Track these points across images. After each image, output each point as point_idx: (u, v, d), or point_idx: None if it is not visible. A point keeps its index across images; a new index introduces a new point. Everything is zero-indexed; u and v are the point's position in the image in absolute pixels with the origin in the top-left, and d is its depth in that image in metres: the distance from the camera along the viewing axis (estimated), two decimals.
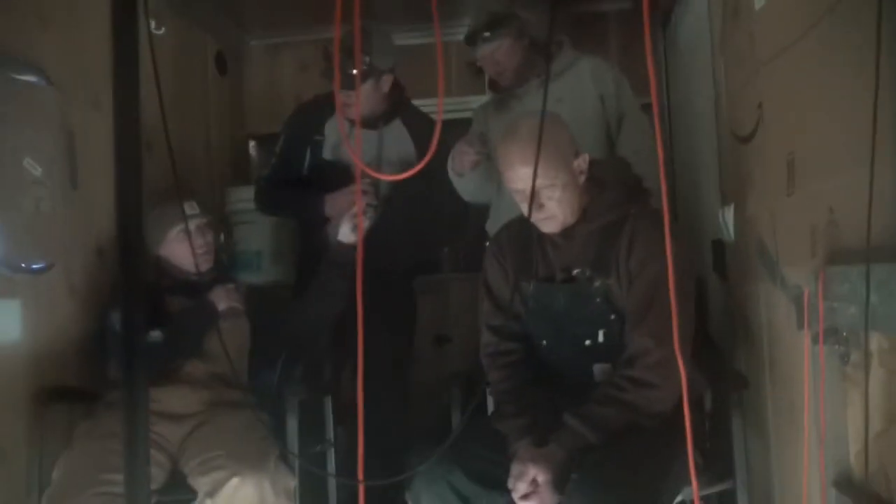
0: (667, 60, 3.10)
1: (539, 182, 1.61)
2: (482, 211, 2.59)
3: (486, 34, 2.32)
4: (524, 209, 1.72)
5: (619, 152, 2.25)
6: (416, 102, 3.44)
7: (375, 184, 2.30)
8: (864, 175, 1.06)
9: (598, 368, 1.72)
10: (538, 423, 1.63)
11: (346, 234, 2.15)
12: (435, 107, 3.43)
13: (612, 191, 1.73)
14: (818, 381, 1.27)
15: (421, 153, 2.44)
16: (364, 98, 2.32)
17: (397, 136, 2.47)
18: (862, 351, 1.15)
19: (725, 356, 2.12)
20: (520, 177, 1.63)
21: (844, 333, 1.19)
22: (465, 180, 2.35)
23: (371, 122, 2.41)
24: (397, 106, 2.48)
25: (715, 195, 2.21)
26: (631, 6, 3.31)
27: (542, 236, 1.77)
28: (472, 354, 2.04)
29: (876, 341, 1.10)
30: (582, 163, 1.68)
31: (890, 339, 1.06)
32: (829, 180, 1.28)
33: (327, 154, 2.45)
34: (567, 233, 1.73)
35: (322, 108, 2.47)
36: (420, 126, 2.50)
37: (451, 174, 2.36)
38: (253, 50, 3.60)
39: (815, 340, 1.26)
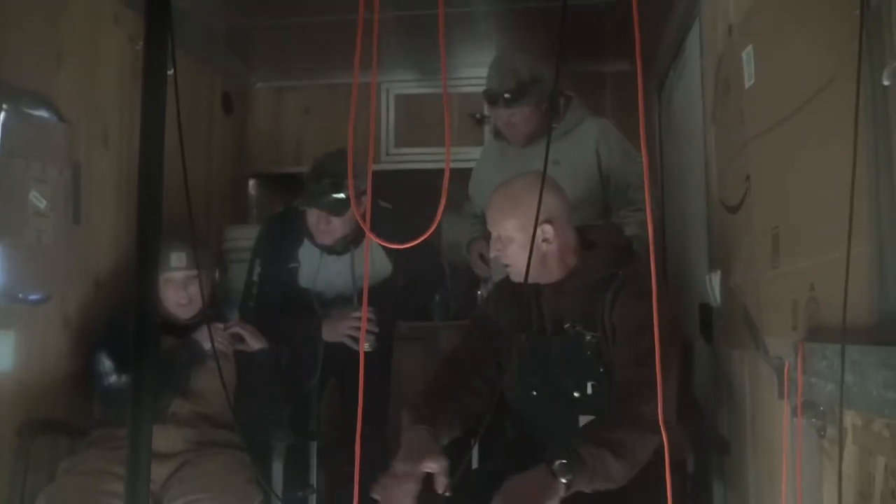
0: (660, 123, 3.19)
1: (498, 233, 1.77)
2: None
3: (508, 96, 2.35)
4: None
5: (627, 212, 2.33)
6: (412, 151, 3.53)
7: (375, 312, 2.30)
8: (844, 254, 1.11)
9: (585, 421, 1.75)
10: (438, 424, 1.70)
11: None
12: (429, 156, 3.52)
13: (602, 252, 1.83)
14: (796, 453, 1.30)
15: (393, 257, 2.46)
16: (343, 225, 2.32)
17: (372, 253, 2.45)
18: (836, 426, 1.18)
19: (709, 419, 2.15)
20: (490, 220, 1.81)
21: (822, 408, 1.22)
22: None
23: (341, 248, 2.39)
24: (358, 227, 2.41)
25: (703, 259, 2.26)
26: (629, 68, 3.41)
27: (535, 290, 1.85)
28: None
29: (850, 418, 1.13)
30: (546, 232, 1.76)
31: (864, 417, 1.10)
32: (810, 257, 1.33)
33: (304, 282, 2.45)
34: (558, 288, 1.82)
35: (292, 233, 2.44)
36: (386, 228, 2.52)
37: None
38: (259, 92, 3.69)
39: (794, 413, 1.29)
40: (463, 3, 2.79)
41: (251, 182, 3.64)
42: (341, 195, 2.23)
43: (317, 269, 2.42)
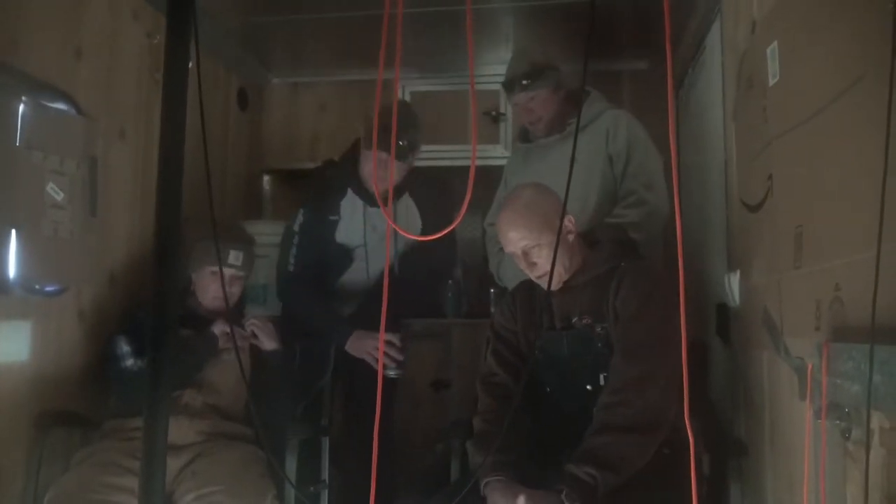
0: (678, 122, 3.16)
1: (525, 244, 1.78)
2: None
3: (525, 82, 2.39)
4: (523, 270, 1.86)
5: (622, 206, 2.34)
6: (430, 148, 3.52)
7: (403, 339, 2.34)
8: (872, 254, 1.09)
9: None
10: (514, 464, 1.67)
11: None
12: (447, 153, 3.51)
13: (605, 248, 1.89)
14: (819, 456, 1.28)
15: (426, 224, 2.50)
16: (399, 173, 2.36)
17: (407, 211, 2.53)
18: (863, 428, 1.16)
19: (725, 421, 2.13)
20: (509, 241, 1.81)
21: (847, 410, 1.20)
22: (505, 272, 2.53)
23: (385, 200, 2.42)
24: (405, 182, 2.49)
25: (721, 259, 2.24)
26: (647, 66, 3.39)
27: (546, 293, 1.89)
28: (471, 402, 2.05)
29: (877, 420, 1.11)
30: (569, 223, 1.82)
31: (891, 418, 1.08)
32: (836, 257, 1.31)
33: (340, 236, 2.48)
34: (565, 286, 1.86)
35: (339, 178, 2.50)
36: (426, 196, 2.57)
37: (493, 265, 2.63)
38: (274, 88, 3.69)
39: (817, 415, 1.27)
40: (480, 1, 2.78)
41: (265, 178, 3.64)
42: (410, 142, 2.32)
43: (359, 222, 2.47)
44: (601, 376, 1.76)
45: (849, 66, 1.24)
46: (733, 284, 2.03)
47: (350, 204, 2.48)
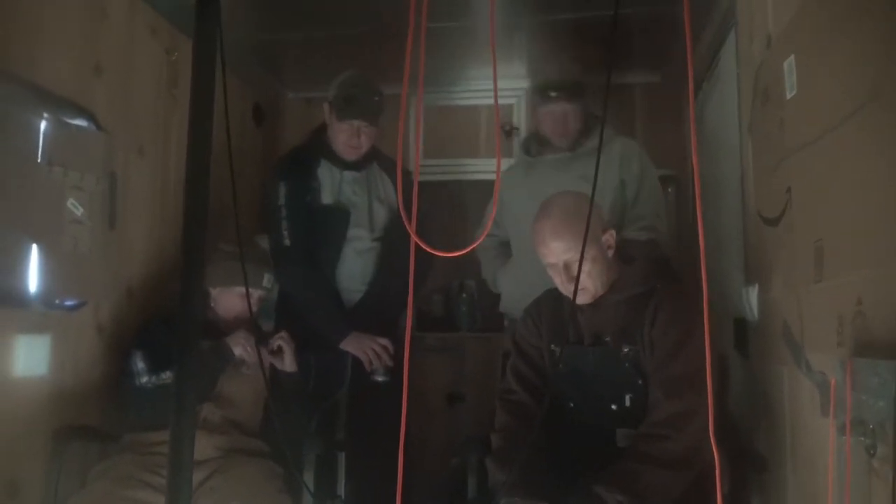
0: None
1: (570, 256, 1.73)
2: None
3: (553, 94, 2.44)
4: (557, 283, 1.82)
5: (632, 230, 2.32)
6: (442, 162, 3.54)
7: (390, 347, 2.42)
8: (894, 269, 1.08)
9: (622, 433, 1.76)
10: (530, 483, 1.66)
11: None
12: (458, 167, 3.52)
13: (640, 266, 1.84)
14: (843, 473, 1.27)
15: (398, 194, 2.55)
16: (370, 137, 2.48)
17: (379, 178, 2.62)
18: (888, 445, 1.15)
19: (745, 436, 2.10)
20: (552, 251, 1.75)
21: (871, 426, 1.19)
22: (503, 279, 2.55)
23: (358, 165, 2.56)
24: (372, 151, 2.61)
25: (738, 273, 2.23)
26: (659, 79, 3.39)
27: (573, 306, 1.86)
28: (486, 416, 2.05)
29: None
30: (609, 238, 1.80)
31: None
32: (858, 270, 1.30)
33: (326, 198, 2.54)
34: (597, 302, 1.83)
35: (309, 154, 2.58)
36: (392, 168, 2.65)
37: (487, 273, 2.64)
38: (289, 102, 3.72)
39: (840, 431, 1.26)
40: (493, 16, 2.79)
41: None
42: (376, 103, 2.42)
43: (338, 184, 2.54)
44: (627, 397, 1.74)
45: (868, 78, 1.24)
46: (752, 298, 2.01)
47: (326, 170, 2.55)
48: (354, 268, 2.56)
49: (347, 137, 2.47)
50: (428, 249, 0.94)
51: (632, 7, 2.62)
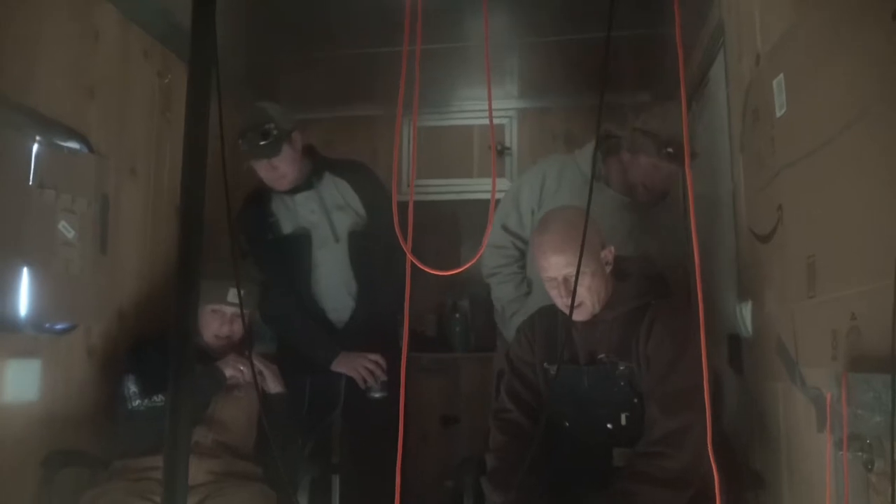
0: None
1: (570, 271, 1.73)
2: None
3: (671, 150, 2.29)
4: (555, 298, 1.80)
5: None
6: (435, 182, 3.55)
7: (382, 362, 2.41)
8: (888, 283, 1.09)
9: (618, 452, 1.74)
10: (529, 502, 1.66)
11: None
12: (451, 187, 3.53)
13: (635, 282, 1.84)
14: (841, 488, 1.26)
15: (362, 195, 2.56)
16: (288, 162, 2.44)
17: (335, 186, 2.58)
18: (886, 459, 1.15)
19: (741, 453, 2.10)
20: (552, 265, 1.75)
21: (868, 441, 1.18)
22: (501, 288, 2.47)
23: (306, 184, 2.53)
24: (320, 163, 2.60)
25: (731, 289, 2.23)
26: (649, 98, 3.42)
27: (569, 324, 1.86)
28: (481, 437, 2.03)
29: None
30: (608, 254, 1.80)
31: None
32: (851, 286, 1.31)
33: (286, 228, 2.54)
34: (591, 320, 1.82)
35: (260, 195, 2.58)
36: (351, 171, 2.62)
37: (488, 279, 2.52)
38: None
39: (837, 446, 1.26)
40: (482, 37, 2.82)
41: None
42: (268, 136, 2.36)
43: (293, 212, 2.54)
44: (623, 416, 1.74)
45: (857, 95, 1.26)
46: (745, 315, 2.02)
47: (279, 202, 2.55)
48: (336, 284, 2.55)
49: (266, 174, 2.45)
50: (423, 268, 0.94)
51: (623, 28, 2.65)
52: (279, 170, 2.43)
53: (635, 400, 1.73)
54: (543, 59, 3.11)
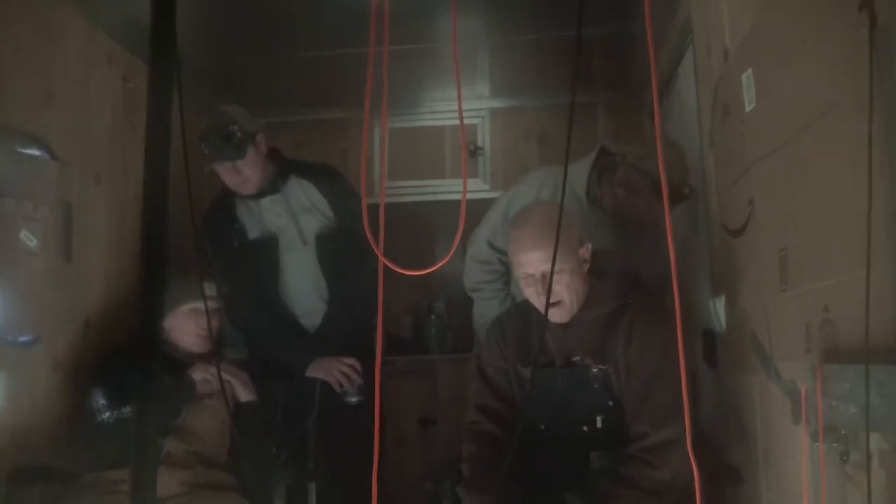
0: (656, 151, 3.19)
1: (547, 267, 1.68)
2: None
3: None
4: (530, 295, 1.75)
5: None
6: (407, 184, 3.53)
7: (357, 365, 2.37)
8: (860, 274, 1.09)
9: (595, 455, 1.72)
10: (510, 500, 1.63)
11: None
12: (423, 188, 3.52)
13: (612, 281, 1.81)
14: (817, 480, 1.26)
15: (329, 197, 2.52)
16: (252, 165, 2.39)
17: (301, 189, 2.54)
18: (861, 451, 1.15)
19: (717, 448, 2.10)
20: (530, 260, 1.70)
21: (844, 432, 1.19)
22: (485, 304, 2.44)
23: (271, 187, 2.49)
24: (285, 166, 2.56)
25: (705, 285, 2.24)
26: (619, 97, 3.44)
27: (542, 326, 1.81)
28: (460, 439, 2.01)
29: (875, 442, 1.10)
30: (586, 252, 1.76)
31: (890, 440, 1.07)
32: (823, 278, 1.31)
33: (252, 234, 2.50)
34: (568, 320, 1.78)
35: (224, 200, 2.53)
36: (317, 173, 2.58)
37: (471, 294, 2.49)
38: None
39: (813, 438, 1.26)
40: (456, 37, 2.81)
41: None
42: (232, 139, 2.31)
43: (258, 217, 2.50)
44: (598, 419, 1.71)
45: (825, 88, 1.26)
46: (719, 309, 2.02)
47: (244, 207, 2.51)
48: (306, 288, 2.52)
49: (230, 178, 2.40)
50: (394, 268, 0.92)
51: (593, 26, 2.66)
52: (243, 173, 2.38)
53: (610, 403, 1.70)
54: (514, 58, 3.11)
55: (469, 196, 3.09)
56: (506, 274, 2.45)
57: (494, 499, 1.64)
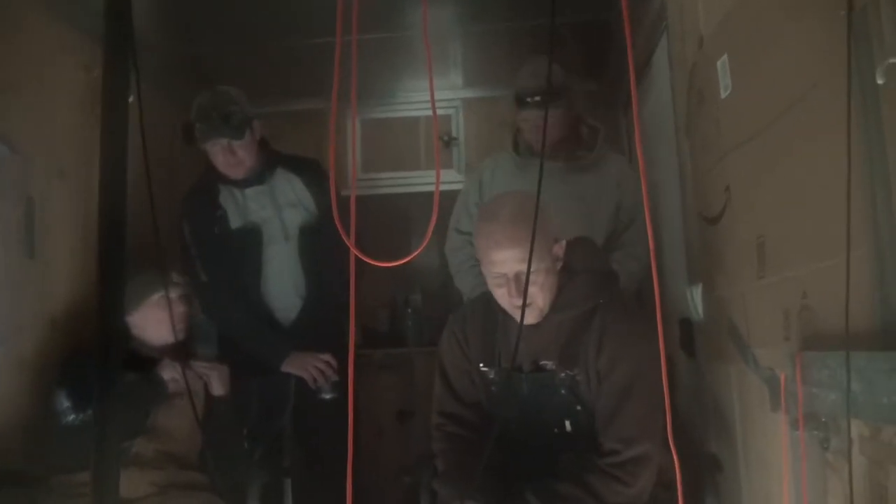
0: (629, 140, 3.19)
1: (522, 268, 1.55)
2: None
3: (536, 98, 2.32)
4: (500, 297, 1.64)
5: (616, 255, 2.28)
6: (380, 176, 3.49)
7: (333, 362, 2.34)
8: (838, 260, 1.08)
9: (565, 457, 1.67)
10: (483, 492, 1.59)
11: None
12: (397, 179, 3.48)
13: (584, 280, 1.69)
14: (797, 467, 1.26)
15: (315, 193, 2.49)
16: (248, 149, 2.36)
17: (287, 182, 2.51)
18: (841, 438, 1.15)
19: (696, 437, 2.11)
20: (505, 259, 1.56)
21: (824, 419, 1.18)
22: (462, 277, 2.44)
23: (258, 178, 2.46)
24: (273, 158, 2.52)
25: (681, 274, 2.24)
26: (595, 87, 3.43)
27: (506, 321, 1.72)
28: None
29: (856, 428, 1.09)
30: (559, 249, 1.64)
31: (871, 426, 1.06)
32: (801, 265, 1.30)
33: (234, 223, 2.45)
34: (536, 322, 1.67)
35: (208, 185, 2.48)
36: (305, 168, 2.55)
37: (456, 275, 2.51)
38: None
39: (793, 426, 1.26)
40: (427, 26, 2.77)
41: None
42: (232, 118, 2.28)
43: (242, 206, 2.45)
44: (567, 422, 1.64)
45: (802, 74, 1.25)
46: (696, 298, 2.02)
47: (228, 195, 2.46)
48: (284, 283, 2.48)
49: (222, 158, 2.36)
50: (367, 260, 0.89)
51: (566, 16, 2.63)
52: (238, 155, 2.35)
53: (578, 407, 1.63)
54: (487, 47, 3.08)
55: (443, 187, 3.06)
56: None
57: (470, 489, 1.60)
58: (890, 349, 0.98)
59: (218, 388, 2.10)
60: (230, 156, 2.34)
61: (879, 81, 0.97)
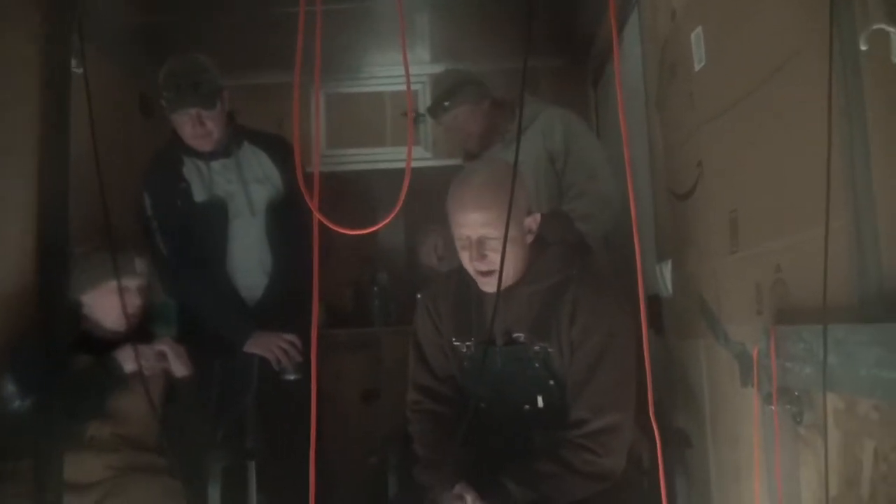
0: (598, 117, 3.17)
1: (487, 231, 1.55)
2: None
3: (446, 104, 2.35)
4: (463, 259, 1.63)
5: (565, 202, 2.25)
6: (347, 152, 3.42)
7: (297, 342, 2.29)
8: (813, 233, 1.07)
9: (538, 433, 1.65)
10: (462, 475, 1.56)
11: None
12: (364, 156, 3.41)
13: (556, 251, 1.68)
14: (771, 442, 1.25)
15: (282, 169, 2.42)
16: (216, 121, 2.29)
17: (254, 156, 2.44)
18: (815, 411, 1.14)
19: (664, 413, 2.11)
20: (469, 222, 1.56)
21: (797, 393, 1.17)
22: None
23: (224, 151, 2.38)
24: (240, 131, 2.45)
25: (650, 250, 2.23)
26: (562, 64, 3.39)
27: (480, 294, 1.70)
28: (403, 413, 1.96)
29: (831, 402, 1.09)
30: (532, 222, 1.63)
31: (846, 399, 1.05)
32: (775, 238, 1.29)
33: (199, 196, 2.37)
34: (507, 293, 1.65)
35: (171, 157, 2.39)
36: (272, 144, 2.48)
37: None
38: None
39: (766, 400, 1.25)
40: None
41: None
42: (202, 87, 2.20)
43: (207, 179, 2.37)
44: (539, 397, 1.62)
45: (781, 44, 1.23)
46: (665, 274, 2.01)
47: (192, 167, 2.38)
48: (250, 260, 2.40)
49: (191, 128, 2.27)
50: (332, 227, 0.84)
51: None
52: (206, 126, 2.25)
53: (551, 382, 1.62)
54: (455, 21, 3.02)
55: (412, 164, 3.02)
56: None
57: (450, 473, 1.57)
58: (869, 321, 0.97)
59: (179, 370, 2.02)
60: (199, 126, 2.25)
61: (863, 48, 0.95)
